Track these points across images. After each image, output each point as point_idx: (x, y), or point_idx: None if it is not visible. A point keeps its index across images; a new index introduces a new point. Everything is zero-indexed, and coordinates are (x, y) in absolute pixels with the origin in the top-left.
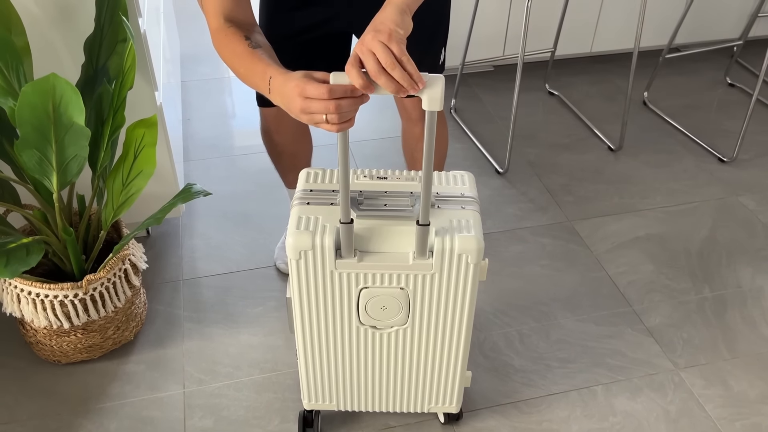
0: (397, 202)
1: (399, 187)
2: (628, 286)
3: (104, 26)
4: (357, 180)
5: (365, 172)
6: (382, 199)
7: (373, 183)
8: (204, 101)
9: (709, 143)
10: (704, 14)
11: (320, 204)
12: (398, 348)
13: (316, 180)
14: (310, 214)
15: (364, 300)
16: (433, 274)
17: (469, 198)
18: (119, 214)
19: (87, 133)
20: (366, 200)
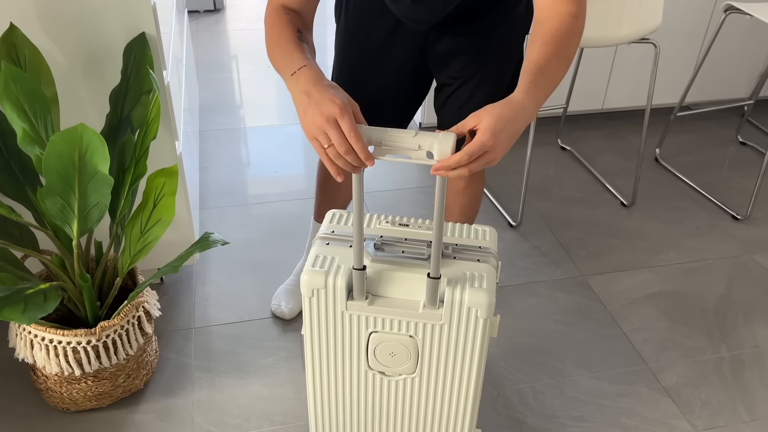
0: (414, 250)
1: (419, 236)
2: (643, 343)
3: (130, 77)
4: (379, 225)
5: (388, 218)
6: (400, 246)
7: (393, 229)
8: (220, 150)
9: (722, 200)
10: (715, 74)
11: (340, 245)
12: (406, 397)
13: (340, 221)
14: (327, 254)
15: (374, 344)
16: (442, 324)
17: (487, 251)
18: (136, 261)
19: (110, 181)
20: (385, 245)
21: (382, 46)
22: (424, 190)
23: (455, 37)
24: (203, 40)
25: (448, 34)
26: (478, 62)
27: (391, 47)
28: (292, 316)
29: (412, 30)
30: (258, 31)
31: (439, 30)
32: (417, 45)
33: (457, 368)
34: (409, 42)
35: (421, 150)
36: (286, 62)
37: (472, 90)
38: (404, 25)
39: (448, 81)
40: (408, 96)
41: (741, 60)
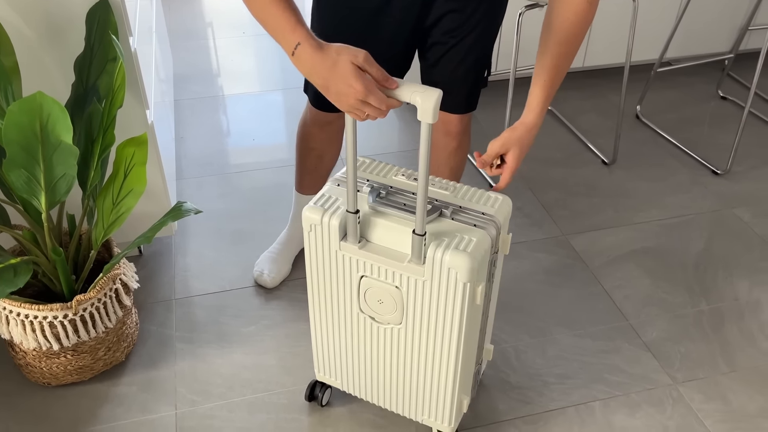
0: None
1: (428, 193)
2: (624, 300)
3: (94, 45)
4: (395, 177)
5: (407, 172)
6: (404, 199)
7: (406, 182)
8: (197, 120)
9: (702, 156)
10: (695, 28)
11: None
12: (393, 346)
13: (360, 167)
14: (333, 194)
15: (364, 288)
16: (425, 281)
17: (490, 219)
18: (109, 234)
19: (75, 151)
20: (389, 195)
21: (377, 11)
22: (406, 154)
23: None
24: (176, 7)
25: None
26: (473, 19)
27: (386, 11)
28: (274, 285)
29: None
30: None
31: None
32: (413, 8)
33: (440, 328)
34: (405, 4)
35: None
36: (278, 33)
37: (467, 50)
38: None
39: (442, 39)
40: (400, 61)
41: (721, 13)
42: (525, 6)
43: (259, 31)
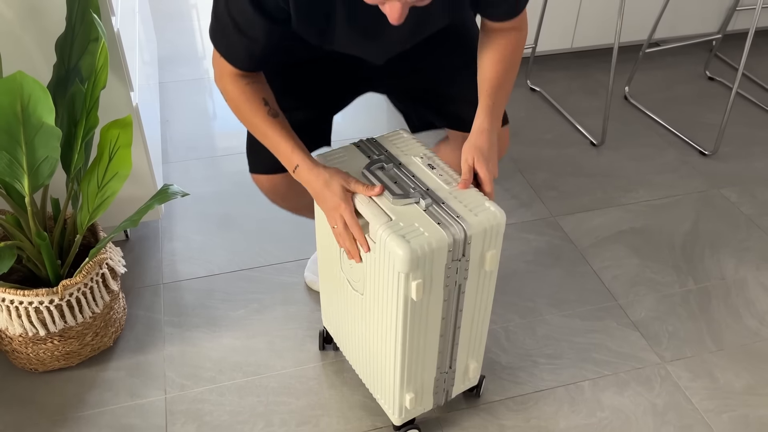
0: (405, 187)
1: (427, 178)
2: (612, 280)
3: (75, 25)
4: (413, 156)
5: (426, 154)
6: (398, 178)
7: (415, 162)
8: (183, 102)
9: (690, 137)
10: (683, 8)
11: (359, 157)
12: (357, 315)
13: (392, 137)
14: (340, 157)
15: (340, 249)
16: (375, 258)
17: (461, 226)
18: (95, 218)
19: (58, 133)
20: (392, 169)
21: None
22: None
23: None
24: None
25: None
26: (437, 78)
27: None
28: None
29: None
30: None
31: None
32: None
33: (384, 313)
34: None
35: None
36: (279, 154)
37: (446, 93)
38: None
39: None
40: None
41: None
42: None
43: None
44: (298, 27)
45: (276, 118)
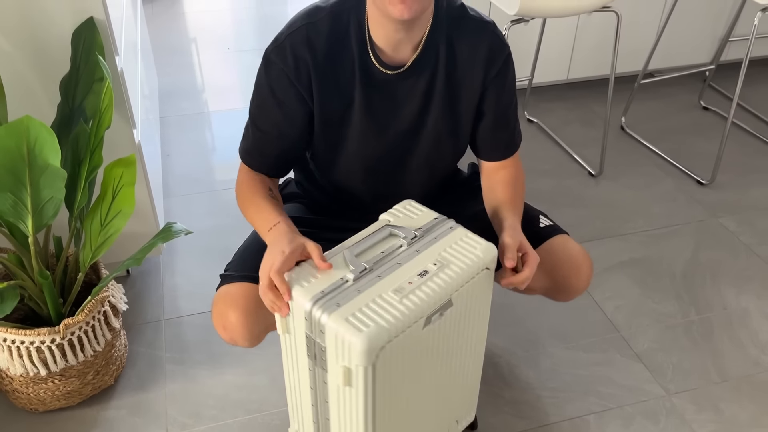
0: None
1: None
2: (615, 311)
3: (80, 65)
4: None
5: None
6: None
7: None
8: (183, 136)
9: (687, 166)
10: (676, 40)
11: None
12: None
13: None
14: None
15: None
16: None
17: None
18: (98, 256)
19: (63, 174)
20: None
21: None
22: None
23: None
24: (160, 23)
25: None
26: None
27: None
28: None
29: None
30: (216, 13)
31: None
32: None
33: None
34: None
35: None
36: (262, 219)
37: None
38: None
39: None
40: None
41: (702, 25)
42: (510, 21)
43: (243, 47)
44: (317, 115)
45: (272, 198)
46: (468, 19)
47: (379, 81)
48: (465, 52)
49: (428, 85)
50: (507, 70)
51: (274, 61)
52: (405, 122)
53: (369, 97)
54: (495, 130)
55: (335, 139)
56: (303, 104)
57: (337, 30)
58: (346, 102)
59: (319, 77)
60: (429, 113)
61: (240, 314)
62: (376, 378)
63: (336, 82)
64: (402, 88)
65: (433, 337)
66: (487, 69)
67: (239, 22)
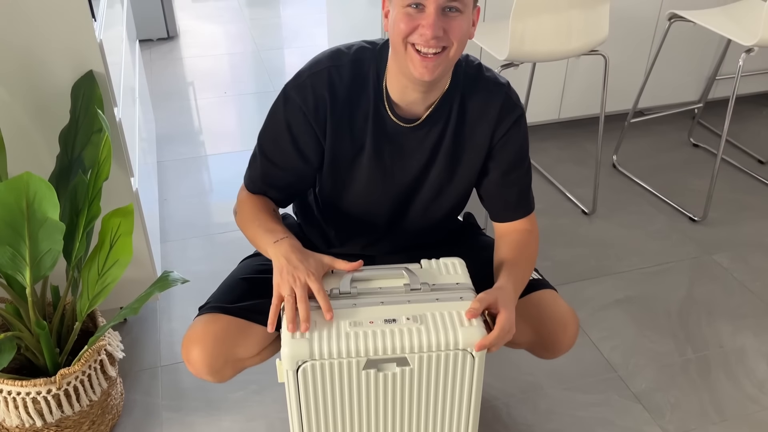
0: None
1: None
2: (611, 351)
3: (79, 117)
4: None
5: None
6: (377, 291)
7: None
8: (180, 181)
9: (679, 203)
10: (665, 79)
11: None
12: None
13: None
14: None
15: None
16: None
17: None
18: (95, 305)
19: (61, 227)
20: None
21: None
22: None
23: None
24: (158, 69)
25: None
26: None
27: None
28: None
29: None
30: (213, 57)
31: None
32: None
33: None
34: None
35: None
36: (267, 233)
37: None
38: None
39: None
40: None
41: (688, 64)
42: (501, 66)
43: (240, 91)
44: (328, 155)
45: (278, 218)
46: (483, 79)
47: (391, 131)
48: (476, 110)
49: (437, 139)
50: (518, 131)
51: (293, 97)
52: (410, 172)
53: (379, 145)
54: (502, 189)
55: (342, 179)
56: (316, 143)
57: (357, 77)
58: (358, 147)
59: (335, 120)
60: (433, 166)
61: (200, 349)
62: (300, 386)
63: (350, 127)
64: (412, 139)
65: (381, 385)
66: (495, 128)
67: (236, 66)
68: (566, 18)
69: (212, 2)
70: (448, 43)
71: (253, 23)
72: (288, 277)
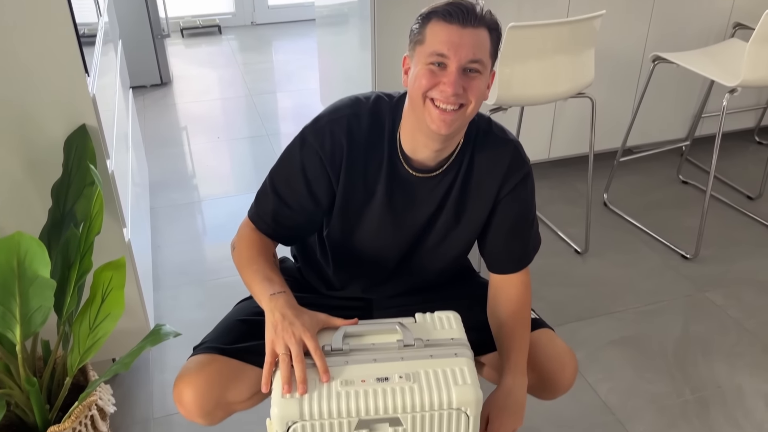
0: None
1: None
2: (609, 393)
3: (72, 171)
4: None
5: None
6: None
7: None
8: (174, 227)
9: (671, 241)
10: (652, 117)
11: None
12: None
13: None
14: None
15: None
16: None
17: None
18: (86, 359)
19: (52, 284)
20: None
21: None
22: None
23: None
24: (151, 115)
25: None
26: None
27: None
28: None
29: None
30: (206, 102)
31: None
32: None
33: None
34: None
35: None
36: (265, 281)
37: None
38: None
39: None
40: None
41: (675, 103)
42: (489, 111)
43: (233, 135)
44: (339, 200)
45: (276, 266)
46: (493, 134)
47: (403, 180)
48: (485, 164)
49: (447, 188)
50: (524, 187)
51: (311, 141)
52: (419, 220)
53: (391, 192)
54: (505, 244)
55: (352, 224)
56: (329, 187)
57: (375, 127)
58: (370, 194)
59: (350, 166)
60: (440, 216)
61: (192, 390)
62: None
63: (364, 174)
64: (423, 189)
65: None
66: (502, 184)
67: (229, 111)
68: (553, 63)
69: (205, 47)
70: (466, 101)
71: (246, 68)
72: (283, 334)
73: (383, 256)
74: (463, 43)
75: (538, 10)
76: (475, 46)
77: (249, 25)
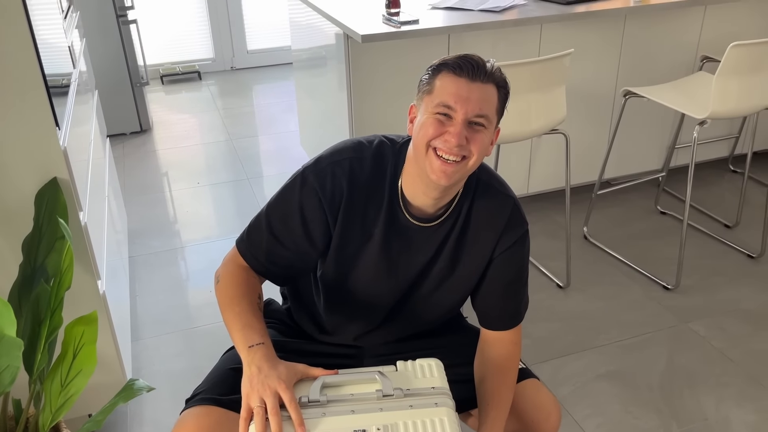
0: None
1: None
2: (596, 429)
3: (43, 225)
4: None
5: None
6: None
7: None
8: (153, 275)
9: (651, 272)
10: (627, 150)
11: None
12: None
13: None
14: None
15: None
16: None
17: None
18: (58, 418)
19: (19, 344)
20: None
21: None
22: None
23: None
24: (131, 163)
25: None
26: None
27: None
28: None
29: None
30: (187, 149)
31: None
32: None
33: None
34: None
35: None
36: (245, 328)
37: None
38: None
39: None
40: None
41: (649, 135)
42: None
43: (214, 180)
44: (335, 242)
45: (260, 311)
46: (493, 189)
47: (402, 226)
48: (483, 216)
49: (444, 237)
50: (521, 246)
51: (311, 182)
52: (415, 267)
53: (389, 238)
54: (499, 301)
55: (347, 266)
56: (325, 228)
57: (376, 172)
58: (367, 237)
59: (348, 210)
60: (436, 263)
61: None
62: None
63: (362, 218)
64: (420, 236)
65: None
66: (499, 239)
67: (209, 156)
68: (526, 101)
69: (185, 94)
70: (468, 154)
71: (226, 112)
72: (258, 386)
73: (377, 301)
74: (471, 97)
75: (512, 48)
76: (482, 101)
77: (229, 70)
